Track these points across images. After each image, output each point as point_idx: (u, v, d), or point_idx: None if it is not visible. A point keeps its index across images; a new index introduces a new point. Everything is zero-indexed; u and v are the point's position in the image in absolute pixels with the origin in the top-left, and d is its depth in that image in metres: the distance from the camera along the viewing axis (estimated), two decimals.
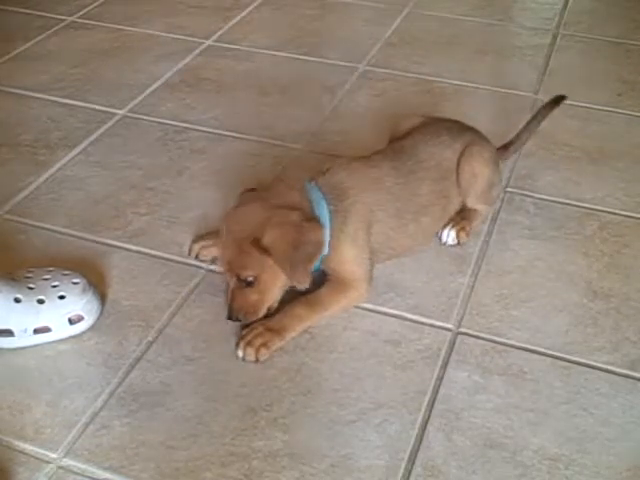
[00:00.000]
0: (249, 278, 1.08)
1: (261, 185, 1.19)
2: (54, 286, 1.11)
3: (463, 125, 1.33)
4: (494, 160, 1.31)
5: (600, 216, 1.36)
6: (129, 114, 1.64)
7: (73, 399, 1.03)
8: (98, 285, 1.18)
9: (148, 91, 1.71)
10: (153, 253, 1.27)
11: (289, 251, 1.06)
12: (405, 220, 1.20)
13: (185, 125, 1.60)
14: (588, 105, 1.67)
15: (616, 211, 1.37)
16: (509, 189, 1.42)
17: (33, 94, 1.70)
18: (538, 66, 1.83)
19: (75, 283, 1.12)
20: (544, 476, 0.95)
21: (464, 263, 1.26)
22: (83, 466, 0.95)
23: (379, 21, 2.02)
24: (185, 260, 1.26)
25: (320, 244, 1.09)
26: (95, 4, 2.11)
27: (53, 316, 1.09)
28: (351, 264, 1.15)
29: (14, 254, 1.26)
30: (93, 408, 1.02)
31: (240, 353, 1.09)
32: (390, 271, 1.23)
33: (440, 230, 1.28)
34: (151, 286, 1.21)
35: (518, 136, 1.43)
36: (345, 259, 1.14)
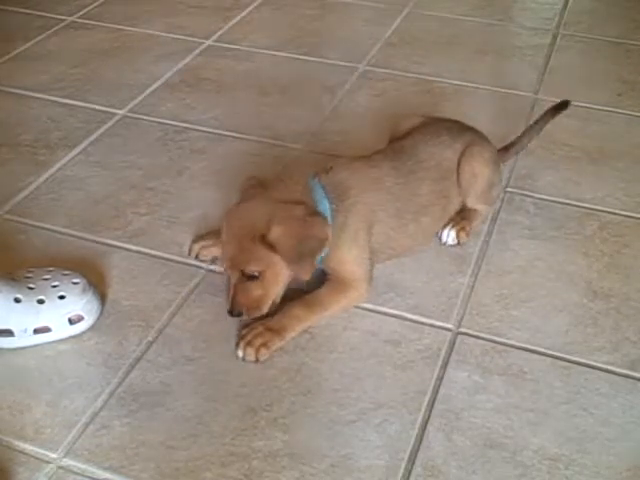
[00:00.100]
0: (254, 273, 1.08)
1: (262, 180, 1.18)
2: (54, 286, 1.11)
3: (463, 125, 1.33)
4: (494, 160, 1.31)
5: (600, 216, 1.36)
6: (129, 114, 1.64)
7: (73, 399, 1.03)
8: (98, 285, 1.18)
9: (148, 91, 1.71)
10: (153, 253, 1.27)
11: (295, 246, 1.06)
12: (405, 220, 1.20)
13: (185, 125, 1.60)
14: (588, 105, 1.67)
15: (616, 211, 1.37)
16: (509, 189, 1.42)
17: (33, 94, 1.70)
18: (538, 66, 1.83)
19: (75, 283, 1.12)
20: (544, 476, 0.95)
21: (464, 263, 1.26)
22: (83, 466, 0.95)
23: (379, 21, 2.02)
24: (185, 260, 1.26)
25: (324, 238, 1.09)
26: (95, 4, 2.11)
27: (53, 316, 1.09)
28: (351, 264, 1.15)
29: (14, 254, 1.26)
30: (93, 408, 1.02)
31: (240, 353, 1.09)
32: (390, 271, 1.23)
33: (440, 230, 1.28)
34: (151, 286, 1.21)
35: (519, 138, 1.43)
36: (345, 259, 1.14)
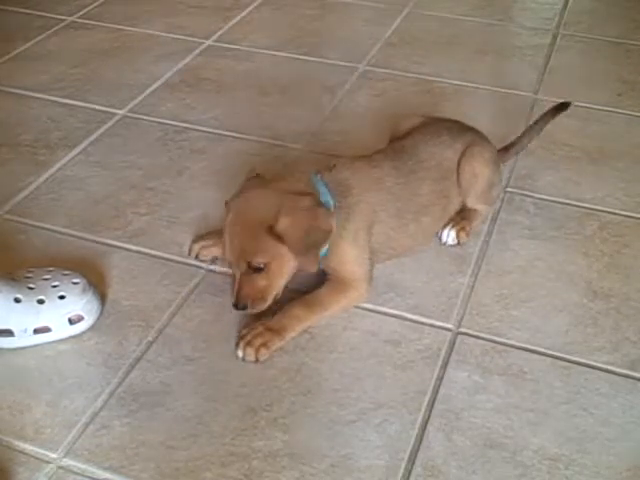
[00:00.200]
0: (260, 265, 1.08)
1: (263, 174, 1.18)
2: (54, 286, 1.11)
3: (464, 125, 1.33)
4: (494, 160, 1.31)
5: (600, 216, 1.36)
6: (129, 114, 1.64)
7: (73, 399, 1.03)
8: (98, 285, 1.18)
9: (148, 91, 1.71)
10: (153, 253, 1.27)
11: (302, 237, 1.06)
12: (406, 220, 1.20)
13: (185, 125, 1.60)
14: (588, 105, 1.67)
15: (616, 211, 1.37)
16: (509, 189, 1.42)
17: (33, 94, 1.70)
18: (538, 66, 1.83)
19: (75, 283, 1.12)
20: (544, 476, 0.95)
21: (464, 263, 1.26)
22: (83, 466, 0.95)
23: (379, 21, 2.02)
24: (185, 260, 1.26)
25: (330, 229, 1.08)
26: (95, 4, 2.11)
27: (53, 316, 1.09)
28: (351, 264, 1.15)
29: (14, 254, 1.26)
30: (93, 408, 1.02)
31: (240, 353, 1.09)
32: (390, 271, 1.23)
33: (440, 230, 1.28)
34: (151, 286, 1.21)
35: (519, 139, 1.43)
36: (346, 259, 1.14)
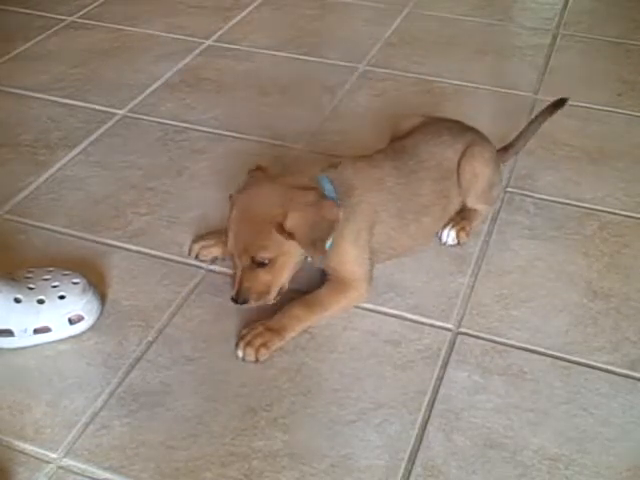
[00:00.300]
0: (265, 260, 1.07)
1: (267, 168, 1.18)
2: (54, 286, 1.11)
3: (464, 125, 1.33)
4: (495, 160, 1.31)
5: (600, 216, 1.36)
6: (129, 114, 1.64)
7: (73, 399, 1.03)
8: (98, 285, 1.18)
9: (148, 91, 1.71)
10: (153, 253, 1.27)
11: (310, 231, 1.06)
12: (406, 220, 1.20)
13: (185, 125, 1.60)
14: (588, 105, 1.67)
15: (616, 211, 1.37)
16: (509, 189, 1.42)
17: (33, 94, 1.70)
18: (538, 66, 1.83)
19: (75, 283, 1.12)
20: (544, 476, 0.95)
21: (464, 263, 1.26)
22: (83, 466, 0.95)
23: (379, 21, 2.02)
24: (185, 260, 1.26)
25: (336, 220, 1.08)
26: (95, 4, 2.11)
27: (53, 316, 1.09)
28: (352, 264, 1.15)
29: (14, 254, 1.26)
30: (93, 408, 1.02)
31: (240, 353, 1.09)
32: (390, 271, 1.23)
33: (440, 230, 1.28)
34: (151, 286, 1.21)
35: (518, 138, 1.43)
36: (346, 258, 1.14)
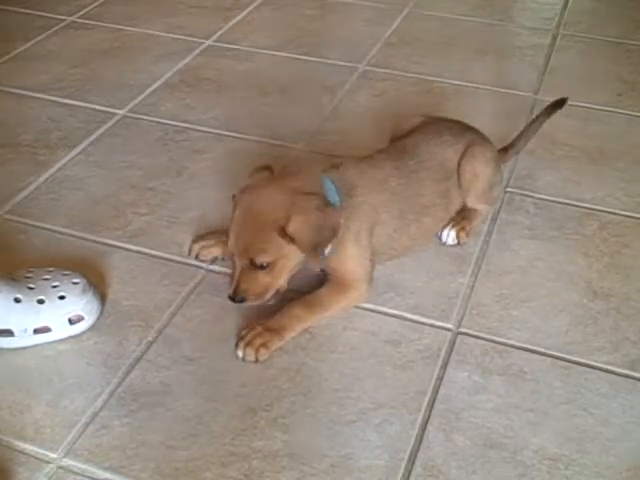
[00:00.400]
0: (264, 263, 1.08)
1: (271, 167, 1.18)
2: (54, 286, 1.11)
3: (464, 125, 1.33)
4: (495, 160, 1.31)
5: (600, 216, 1.36)
6: (129, 114, 1.64)
7: (73, 399, 1.03)
8: (98, 285, 1.18)
9: (148, 91, 1.71)
10: (153, 253, 1.27)
11: (312, 237, 1.06)
12: (407, 221, 1.20)
13: (185, 125, 1.60)
14: (588, 105, 1.67)
15: (616, 211, 1.37)
16: (509, 189, 1.42)
17: (33, 94, 1.70)
18: (538, 66, 1.83)
19: (75, 283, 1.12)
20: (544, 476, 0.95)
21: (464, 263, 1.26)
22: (83, 466, 0.95)
23: (379, 21, 2.02)
24: (185, 260, 1.26)
25: (338, 227, 1.09)
26: (95, 4, 2.11)
27: (53, 316, 1.09)
28: (353, 263, 1.15)
29: (14, 254, 1.26)
30: (93, 408, 1.02)
31: (240, 353, 1.09)
32: (390, 271, 1.23)
33: (440, 230, 1.28)
34: (151, 286, 1.21)
35: (518, 139, 1.43)
36: (346, 258, 1.14)
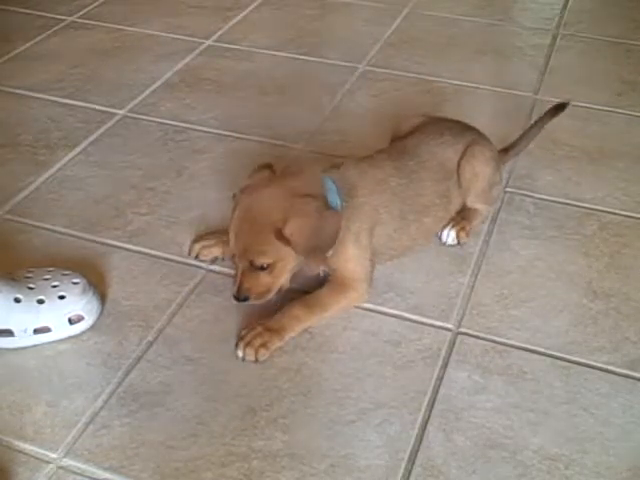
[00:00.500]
0: (263, 265, 1.08)
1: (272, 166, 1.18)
2: (54, 286, 1.11)
3: (464, 125, 1.33)
4: (495, 160, 1.31)
5: (600, 216, 1.36)
6: (129, 114, 1.64)
7: (73, 399, 1.03)
8: (98, 285, 1.18)
9: (148, 91, 1.71)
10: (153, 253, 1.27)
11: (308, 241, 1.06)
12: (407, 221, 1.20)
13: (185, 125, 1.60)
14: (588, 105, 1.67)
15: (616, 211, 1.37)
16: (509, 189, 1.42)
17: (33, 94, 1.70)
18: (538, 66, 1.83)
19: (75, 283, 1.12)
20: (544, 476, 0.95)
21: (464, 263, 1.26)
22: (83, 466, 0.95)
23: (379, 21, 2.02)
24: (185, 260, 1.26)
25: (337, 232, 1.09)
26: (95, 4, 2.11)
27: (53, 316, 1.09)
28: (353, 263, 1.15)
29: (14, 254, 1.26)
30: (93, 408, 1.02)
31: (240, 353, 1.09)
32: (390, 271, 1.23)
33: (440, 230, 1.28)
34: (151, 286, 1.21)
35: (519, 140, 1.43)
36: (347, 258, 1.14)
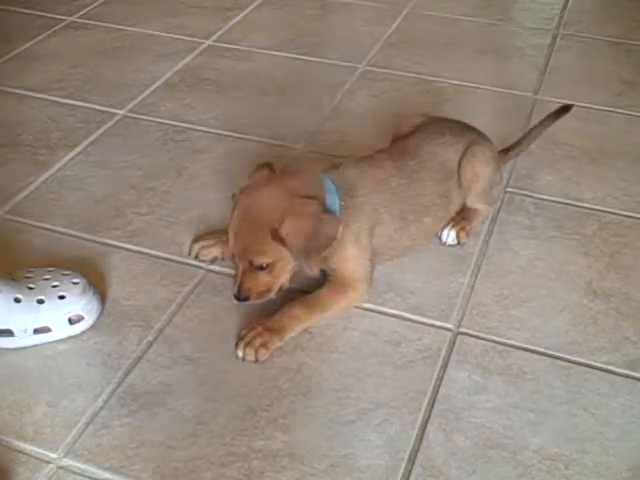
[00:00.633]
0: (262, 265, 1.08)
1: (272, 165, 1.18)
2: (54, 286, 1.11)
3: (465, 125, 1.33)
4: (495, 160, 1.31)
5: (600, 216, 1.36)
6: (129, 114, 1.64)
7: (73, 399, 1.03)
8: (98, 285, 1.18)
9: (148, 91, 1.71)
10: (153, 253, 1.27)
11: (303, 242, 1.06)
12: (407, 221, 1.20)
13: (185, 125, 1.60)
14: (588, 105, 1.67)
15: (616, 211, 1.37)
16: (509, 189, 1.42)
17: (33, 94, 1.70)
18: (538, 66, 1.83)
19: (75, 283, 1.12)
20: (544, 476, 0.95)
21: (464, 263, 1.26)
22: (83, 466, 0.95)
23: (379, 21, 2.02)
24: (185, 260, 1.26)
25: (334, 236, 1.08)
26: (95, 4, 2.11)
27: (53, 316, 1.09)
28: (353, 263, 1.15)
29: (14, 254, 1.26)
30: (93, 408, 1.02)
31: (240, 353, 1.09)
32: (390, 271, 1.23)
33: (440, 230, 1.28)
34: (151, 286, 1.21)
35: (519, 141, 1.43)
36: (346, 258, 1.14)
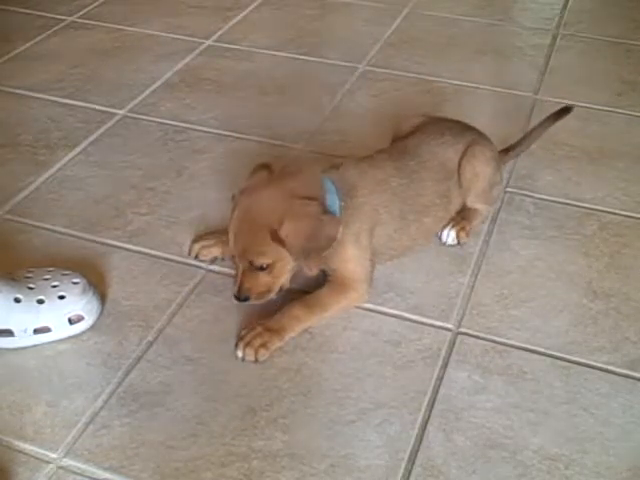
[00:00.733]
0: (262, 265, 1.08)
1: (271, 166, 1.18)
2: (54, 286, 1.11)
3: (465, 125, 1.33)
4: (495, 160, 1.31)
5: (600, 216, 1.36)
6: (129, 114, 1.64)
7: (73, 399, 1.03)
8: (98, 285, 1.18)
9: (148, 91, 1.71)
10: (153, 253, 1.27)
11: (303, 243, 1.06)
12: (407, 221, 1.20)
13: (185, 125, 1.60)
14: (588, 105, 1.67)
15: (616, 211, 1.37)
16: (509, 189, 1.42)
17: (33, 94, 1.70)
18: (538, 66, 1.83)
19: (75, 283, 1.12)
20: (544, 476, 0.95)
21: (464, 263, 1.26)
22: (83, 466, 0.95)
23: (379, 21, 2.02)
24: (185, 260, 1.26)
25: (334, 237, 1.09)
26: (95, 4, 2.11)
27: (53, 316, 1.09)
28: (353, 263, 1.15)
29: (14, 254, 1.26)
30: (93, 408, 1.02)
31: (239, 353, 1.09)
32: (390, 271, 1.23)
33: (440, 230, 1.28)
34: (151, 286, 1.21)
35: (520, 142, 1.43)
36: (346, 258, 1.14)
